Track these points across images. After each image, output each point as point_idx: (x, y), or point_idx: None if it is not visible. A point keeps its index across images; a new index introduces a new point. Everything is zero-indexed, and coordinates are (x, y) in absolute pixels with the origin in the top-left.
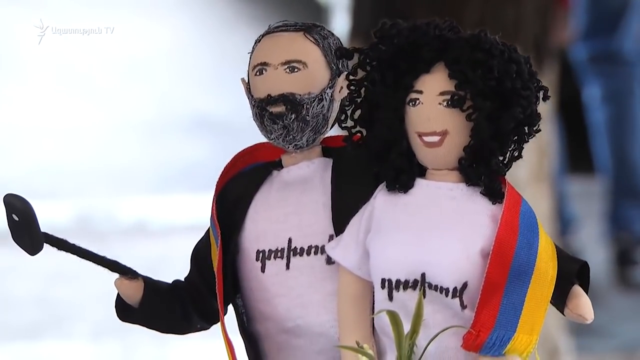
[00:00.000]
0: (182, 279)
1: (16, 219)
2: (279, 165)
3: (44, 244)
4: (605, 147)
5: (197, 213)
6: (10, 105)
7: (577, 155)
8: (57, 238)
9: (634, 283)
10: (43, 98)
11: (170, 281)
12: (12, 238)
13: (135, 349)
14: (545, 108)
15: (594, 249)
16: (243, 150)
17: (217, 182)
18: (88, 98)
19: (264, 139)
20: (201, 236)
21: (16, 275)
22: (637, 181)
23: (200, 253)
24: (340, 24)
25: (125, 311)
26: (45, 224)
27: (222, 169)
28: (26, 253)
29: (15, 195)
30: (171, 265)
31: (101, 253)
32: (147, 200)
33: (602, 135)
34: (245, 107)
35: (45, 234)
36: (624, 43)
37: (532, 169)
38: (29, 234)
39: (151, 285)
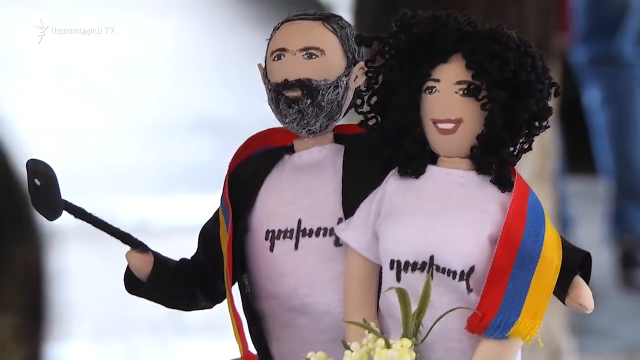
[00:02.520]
0: (189, 258)
1: (38, 183)
2: (291, 150)
3: (63, 210)
4: (607, 149)
5: (200, 214)
6: (11, 106)
7: (577, 156)
8: (76, 206)
9: (637, 284)
10: (45, 98)
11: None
12: (31, 203)
13: (137, 349)
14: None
15: (595, 249)
16: (256, 133)
17: (230, 163)
18: (90, 98)
19: None
20: None
21: None
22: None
23: (207, 232)
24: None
25: (133, 284)
26: (46, 224)
27: (235, 150)
28: (44, 218)
29: (38, 160)
30: None
31: (103, 254)
32: (150, 200)
33: (604, 138)
34: (248, 108)
35: (65, 201)
36: (624, 45)
37: (534, 169)
38: (49, 199)
39: (160, 261)
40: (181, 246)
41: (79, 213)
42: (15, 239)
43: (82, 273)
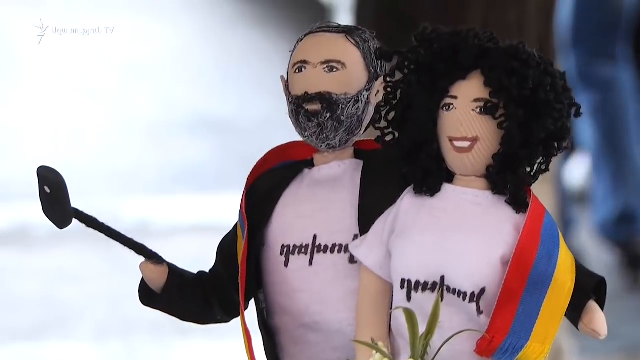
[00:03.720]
0: (207, 271)
1: (48, 191)
2: (310, 164)
3: (73, 219)
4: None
5: (200, 213)
6: (12, 106)
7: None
8: (87, 215)
9: None
10: (45, 99)
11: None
12: (42, 210)
13: (138, 349)
14: None
15: (597, 250)
16: (276, 147)
17: (249, 176)
18: (91, 98)
19: (267, 141)
20: (204, 236)
21: (19, 275)
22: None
23: (226, 245)
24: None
25: (147, 296)
26: (48, 224)
27: (255, 163)
28: (55, 226)
29: (49, 167)
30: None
31: (104, 254)
32: (150, 200)
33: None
34: (248, 107)
35: (76, 209)
36: (615, 52)
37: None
38: (59, 207)
39: (175, 273)
40: (182, 246)
41: (90, 222)
42: None
43: (82, 273)
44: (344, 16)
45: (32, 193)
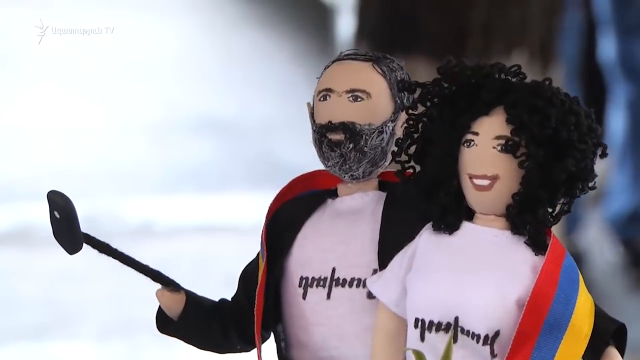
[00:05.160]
0: (229, 299)
1: (57, 216)
2: (334, 194)
3: (84, 244)
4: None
5: (203, 214)
6: (14, 106)
7: None
8: (99, 240)
9: None
10: (48, 99)
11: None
12: (53, 235)
13: (141, 349)
14: None
15: (601, 249)
16: (301, 175)
17: (271, 204)
18: (94, 99)
19: (270, 142)
20: (207, 237)
21: (22, 276)
22: None
23: (248, 274)
24: (346, 25)
25: (164, 323)
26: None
27: (279, 191)
28: (65, 252)
29: (58, 192)
30: (178, 266)
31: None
32: (154, 200)
33: (623, 140)
34: (251, 108)
35: (86, 235)
36: None
37: None
38: (69, 232)
39: (193, 300)
40: (185, 246)
41: (102, 247)
42: None
43: (85, 274)
44: (346, 17)
45: (34, 193)
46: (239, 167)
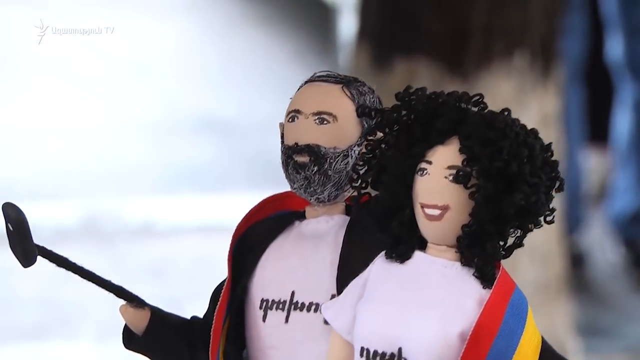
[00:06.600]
0: (201, 317)
1: (11, 228)
2: (302, 216)
3: (38, 257)
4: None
5: (203, 214)
6: (14, 106)
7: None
8: (54, 254)
9: None
10: (48, 99)
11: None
12: (9, 246)
13: None
14: (553, 106)
15: (603, 249)
16: (272, 195)
17: (239, 225)
18: (94, 99)
19: (270, 142)
20: (207, 237)
21: (21, 276)
22: None
23: (218, 293)
24: (347, 25)
25: (129, 338)
26: (51, 224)
27: (247, 211)
28: (20, 264)
29: (12, 205)
30: (177, 266)
31: (108, 254)
32: (154, 201)
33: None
34: (251, 108)
35: (41, 247)
36: None
37: None
38: (21, 245)
39: (158, 317)
40: (185, 246)
41: (60, 262)
42: None
43: None
44: (348, 16)
45: (36, 193)
46: (239, 167)
